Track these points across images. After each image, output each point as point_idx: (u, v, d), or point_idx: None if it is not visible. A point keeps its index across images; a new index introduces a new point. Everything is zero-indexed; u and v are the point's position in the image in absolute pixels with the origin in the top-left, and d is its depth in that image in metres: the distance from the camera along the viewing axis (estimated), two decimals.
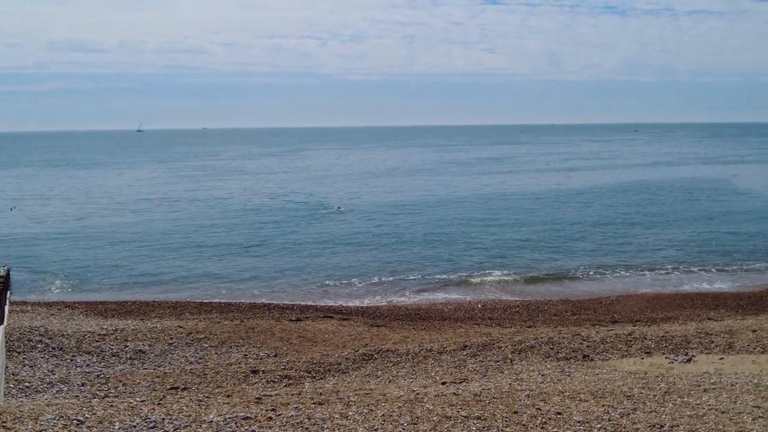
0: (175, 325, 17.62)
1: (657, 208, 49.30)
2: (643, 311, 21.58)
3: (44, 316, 18.05)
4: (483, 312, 21.94)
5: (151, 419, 7.81)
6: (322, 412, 8.53)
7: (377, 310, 22.13)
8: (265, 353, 15.22)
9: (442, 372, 12.71)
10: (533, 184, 68.78)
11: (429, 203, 52.24)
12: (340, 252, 32.46)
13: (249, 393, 11.11)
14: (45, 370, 12.89)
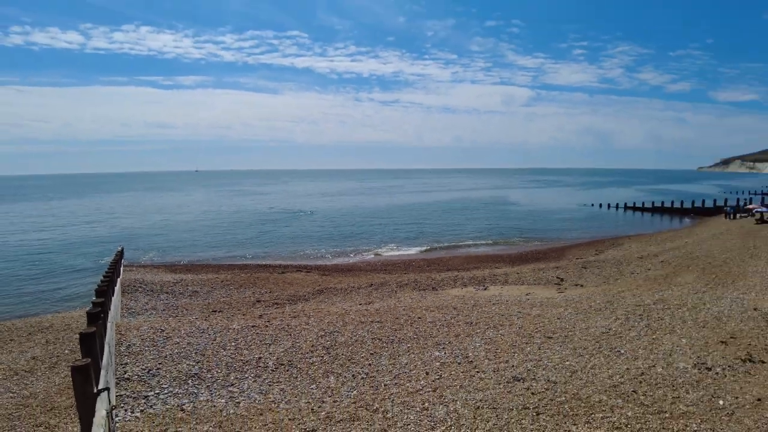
0: (214, 277, 26.10)
1: (471, 211, 74.68)
2: (462, 264, 31.43)
3: (142, 273, 26.97)
4: (382, 266, 31.50)
5: (201, 328, 12.92)
6: (295, 321, 14.16)
7: (327, 266, 31.86)
8: (264, 291, 22.20)
9: (359, 299, 19.22)
10: (415, 199, 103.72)
11: (359, 210, 78.17)
12: (309, 234, 49.10)
13: (255, 313, 16.48)
14: (142, 302, 19.53)
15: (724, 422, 8.26)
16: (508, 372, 10.33)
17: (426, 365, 10.74)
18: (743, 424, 8.20)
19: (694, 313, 15.14)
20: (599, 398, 9.08)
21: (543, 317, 14.99)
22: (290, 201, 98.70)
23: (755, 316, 14.76)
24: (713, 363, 10.81)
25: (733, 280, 20.48)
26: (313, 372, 10.40)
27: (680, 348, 11.87)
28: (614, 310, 15.70)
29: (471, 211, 74.98)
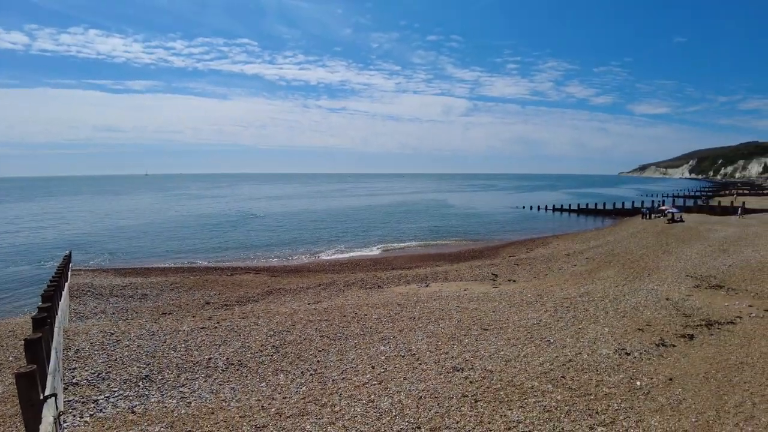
0: (163, 280, 24.97)
1: (414, 213, 75.54)
2: (406, 263, 31.72)
3: (90, 277, 25.58)
4: (330, 267, 31.05)
5: (151, 330, 12.52)
6: (245, 322, 13.96)
7: (276, 268, 30.95)
8: (213, 293, 21.59)
9: (308, 298, 19.06)
10: (361, 202, 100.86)
11: (308, 212, 76.25)
12: (259, 237, 48.01)
13: (204, 314, 16.00)
14: (91, 306, 18.67)
15: (641, 401, 8.85)
16: (448, 363, 10.62)
17: (372, 359, 10.88)
18: (657, 401, 8.82)
19: (614, 304, 16.05)
20: (532, 384, 9.50)
21: (480, 311, 15.46)
22: (240, 204, 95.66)
23: (667, 305, 15.81)
24: (631, 348, 11.52)
25: (649, 273, 21.80)
26: (262, 371, 10.32)
27: (603, 336, 12.57)
28: (544, 303, 16.41)
29: (414, 213, 75.38)
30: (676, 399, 8.91)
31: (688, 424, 8.01)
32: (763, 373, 10.01)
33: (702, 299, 16.60)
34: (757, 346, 11.64)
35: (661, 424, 8.01)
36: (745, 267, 22.32)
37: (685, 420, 8.15)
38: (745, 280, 19.72)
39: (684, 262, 24.35)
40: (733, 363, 10.59)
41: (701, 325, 13.52)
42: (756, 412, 8.42)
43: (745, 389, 9.29)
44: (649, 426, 7.96)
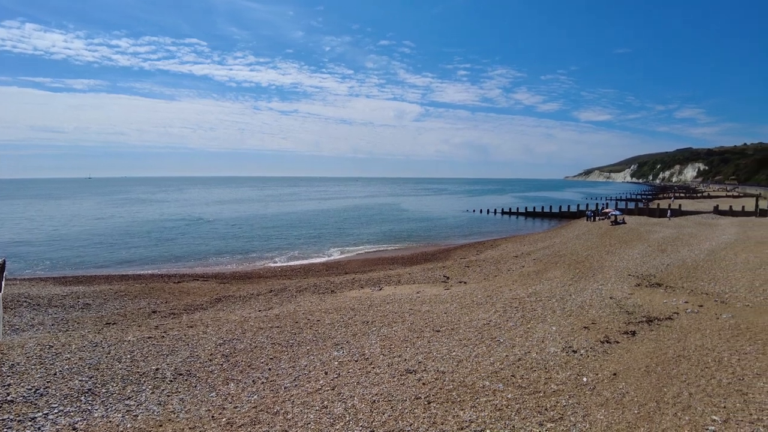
0: (107, 288, 23.60)
1: (367, 217, 75.88)
2: (360, 267, 31.58)
3: (27, 287, 23.97)
4: (282, 272, 30.31)
5: (94, 341, 11.88)
6: (193, 331, 13.51)
7: (225, 274, 30.11)
8: (160, 301, 20.56)
9: (259, 305, 18.57)
10: (314, 206, 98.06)
11: (258, 217, 74.39)
12: (207, 242, 46.93)
13: (151, 323, 15.27)
14: (28, 318, 17.13)
15: (588, 396, 9.12)
16: (402, 365, 10.62)
17: (325, 365, 10.74)
18: (602, 396, 9.11)
19: (561, 304, 16.52)
20: (483, 384, 9.62)
21: (432, 313, 15.57)
22: (187, 209, 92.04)
23: (611, 303, 16.42)
24: (578, 346, 11.88)
25: (594, 273, 22.61)
26: (212, 380, 9.99)
27: (551, 334, 12.90)
28: (494, 304, 16.71)
29: (367, 217, 75.22)
30: (620, 393, 9.23)
31: (631, 416, 8.31)
32: (698, 365, 10.52)
33: (643, 297, 17.34)
34: (692, 340, 12.24)
35: (607, 418, 8.27)
36: (682, 266, 23.50)
37: (629, 412, 8.45)
38: (681, 278, 20.75)
39: (626, 262, 25.39)
40: (671, 356, 11.08)
41: (642, 321, 14.11)
42: (692, 401, 8.83)
43: (682, 381, 9.73)
44: (596, 420, 8.20)
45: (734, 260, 24.41)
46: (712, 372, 10.19)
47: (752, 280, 19.74)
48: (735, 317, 14.42)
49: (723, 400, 8.90)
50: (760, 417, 8.28)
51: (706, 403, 8.81)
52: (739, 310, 15.28)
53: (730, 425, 8.03)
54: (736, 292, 17.90)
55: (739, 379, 9.84)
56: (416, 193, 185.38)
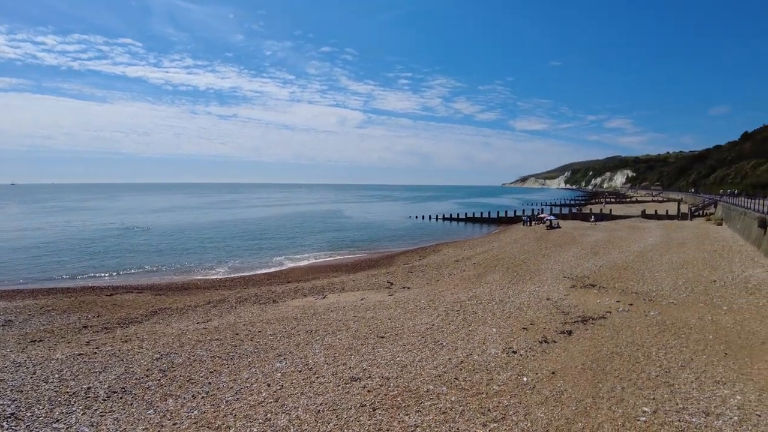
0: (32, 303, 21.98)
1: (310, 224, 75.06)
2: (303, 275, 30.98)
3: None
4: (221, 283, 29.07)
5: (17, 361, 11.11)
6: (128, 346, 12.85)
7: (161, 285, 28.26)
8: (92, 315, 19.10)
9: (197, 317, 17.80)
10: (255, 214, 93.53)
11: (196, 225, 70.45)
12: (141, 252, 43.98)
13: (81, 339, 14.24)
14: None
15: (528, 395, 9.38)
16: (346, 373, 10.54)
17: (267, 377, 10.50)
18: (542, 394, 9.40)
19: (501, 306, 16.97)
20: (427, 388, 9.70)
21: (376, 319, 15.58)
22: (121, 217, 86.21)
23: (548, 305, 17.02)
24: (518, 347, 12.21)
25: (531, 276, 23.37)
26: (149, 397, 9.53)
27: (491, 336, 13.21)
28: (436, 308, 16.93)
29: (311, 224, 73.85)
30: (559, 390, 9.56)
31: (569, 413, 8.62)
32: (629, 361, 11.08)
33: (578, 298, 18.09)
34: (624, 337, 12.88)
35: (546, 415, 8.54)
36: (613, 267, 24.72)
37: (567, 409, 8.76)
38: (613, 278, 21.81)
39: (561, 264, 26.42)
40: (605, 354, 11.60)
41: (578, 321, 14.71)
42: (625, 395, 9.28)
43: (615, 376, 10.21)
44: (536, 418, 8.44)
45: (660, 261, 25.94)
46: (642, 366, 10.75)
47: (676, 279, 21.04)
48: (661, 314, 15.31)
49: (652, 392, 9.41)
50: (685, 406, 8.82)
51: (637, 395, 9.28)
52: (664, 308, 16.23)
53: (659, 415, 8.49)
54: (662, 290, 19.01)
55: (666, 371, 10.43)
56: (360, 199, 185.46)
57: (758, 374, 10.28)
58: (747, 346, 12.07)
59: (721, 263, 24.28)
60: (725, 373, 10.35)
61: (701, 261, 25.24)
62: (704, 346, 12.11)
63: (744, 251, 27.39)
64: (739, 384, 9.79)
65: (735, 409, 8.70)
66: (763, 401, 9.02)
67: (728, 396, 9.24)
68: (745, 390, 9.49)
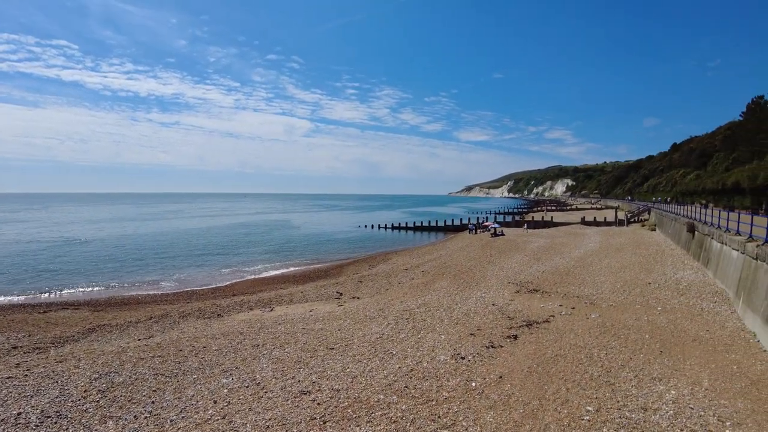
0: None
1: (257, 235, 73.48)
2: (249, 288, 30.35)
3: None
4: (163, 297, 27.94)
5: None
6: (62, 366, 12.14)
7: (99, 301, 26.91)
8: (22, 335, 17.78)
9: (138, 333, 16.99)
10: (199, 224, 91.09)
11: (137, 237, 67.63)
12: (78, 266, 41.66)
13: (10, 361, 13.17)
14: None
15: (477, 400, 9.51)
16: (295, 387, 10.36)
17: (214, 394, 10.16)
18: (490, 399, 9.56)
19: (449, 313, 17.19)
20: (377, 398, 9.67)
21: (325, 330, 15.43)
22: (55, 229, 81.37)
23: (494, 310, 17.38)
24: (466, 352, 12.38)
25: (477, 283, 23.82)
26: (87, 420, 9.00)
27: (440, 343, 13.34)
28: (386, 317, 16.95)
29: (257, 235, 72.44)
30: (506, 394, 9.74)
31: (517, 416, 8.80)
32: (573, 362, 11.45)
33: (522, 302, 18.57)
34: (567, 340, 13.31)
35: (495, 419, 8.68)
36: (555, 272, 25.56)
37: (515, 412, 8.94)
38: (555, 283, 22.55)
39: (506, 270, 27.09)
40: (549, 356, 11.95)
41: (523, 325, 15.09)
42: (569, 396, 9.57)
43: (560, 378, 10.52)
44: (485, 422, 8.57)
45: (599, 265, 27.05)
46: (585, 367, 11.13)
47: (614, 282, 21.99)
48: (602, 316, 15.94)
49: (595, 391, 9.76)
50: (626, 403, 9.19)
51: (581, 396, 9.59)
52: (604, 310, 16.92)
53: (601, 413, 8.81)
54: (602, 293, 19.82)
55: (607, 371, 10.85)
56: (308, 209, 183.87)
57: (690, 369, 10.88)
58: (680, 344, 12.75)
59: (655, 266, 25.57)
60: (661, 370, 10.89)
61: (637, 265, 26.49)
62: (642, 345, 12.70)
63: (675, 254, 28.99)
64: (673, 380, 10.32)
65: (670, 404, 9.16)
66: (695, 394, 9.54)
67: (664, 391, 9.71)
68: (678, 385, 10.01)
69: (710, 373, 10.64)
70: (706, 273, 22.35)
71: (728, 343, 12.76)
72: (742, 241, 16.56)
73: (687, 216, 33.62)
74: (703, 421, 8.52)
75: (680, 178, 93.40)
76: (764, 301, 13.08)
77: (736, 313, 15.58)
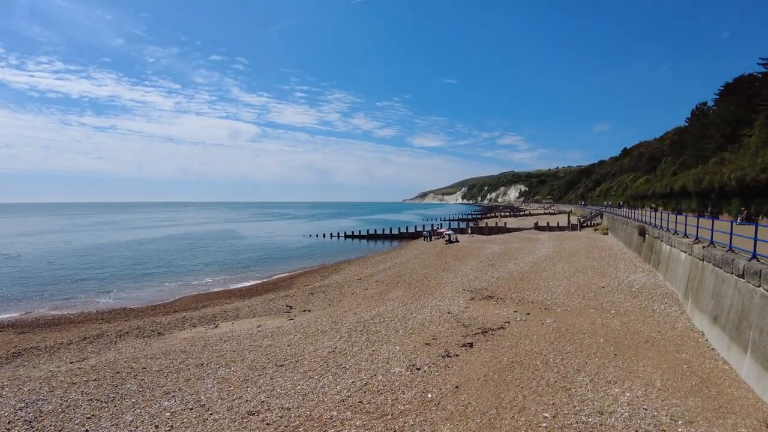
0: None
1: (201, 247, 71.71)
2: (192, 303, 29.42)
3: None
4: (98, 315, 26.60)
5: None
6: None
7: (25, 321, 25.39)
8: None
9: (70, 356, 16.10)
10: (138, 236, 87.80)
11: (70, 250, 63.72)
12: (6, 283, 39.45)
13: None
14: None
15: (433, 412, 9.53)
16: (243, 407, 10.09)
17: (155, 418, 9.76)
18: (447, 410, 9.60)
19: (404, 323, 17.24)
20: (330, 415, 9.53)
21: (274, 347, 15.15)
22: None
23: (449, 318, 17.55)
24: (421, 363, 12.42)
25: (432, 291, 24.03)
26: None
27: (395, 355, 13.33)
28: (339, 330, 16.82)
29: (201, 246, 70.06)
30: (463, 404, 9.81)
31: (474, 426, 8.87)
32: (529, 369, 11.67)
33: (477, 309, 18.84)
34: (523, 346, 13.57)
35: (452, 431, 8.72)
36: (509, 278, 26.10)
37: (472, 422, 9.01)
38: (510, 289, 23.01)
39: (461, 277, 27.45)
40: (506, 364, 12.14)
41: (478, 333, 15.29)
42: (526, 403, 9.74)
43: (516, 385, 10.70)
44: None
45: (553, 270, 27.81)
46: (541, 373, 11.36)
47: (568, 286, 22.65)
48: (556, 321, 16.36)
49: (551, 397, 9.97)
50: (582, 408, 9.43)
51: (537, 402, 9.78)
52: (559, 315, 17.38)
53: (558, 419, 9.00)
54: (556, 298, 20.36)
55: (563, 376, 11.11)
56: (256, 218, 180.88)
57: (643, 371, 11.29)
58: (633, 346, 13.23)
59: (608, 270, 26.53)
60: (615, 372, 11.25)
61: (591, 269, 27.41)
62: (596, 349, 13.10)
63: (627, 258, 30.18)
64: (627, 382, 10.68)
65: (625, 406, 9.46)
66: (648, 395, 9.90)
67: (619, 394, 10.03)
68: (633, 387, 10.37)
69: (662, 374, 11.09)
70: (657, 275, 23.36)
71: (679, 343, 13.35)
72: (689, 243, 17.43)
73: (638, 220, 35.10)
74: (657, 421, 8.85)
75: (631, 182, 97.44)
76: (710, 301, 13.78)
77: (685, 314, 16.34)
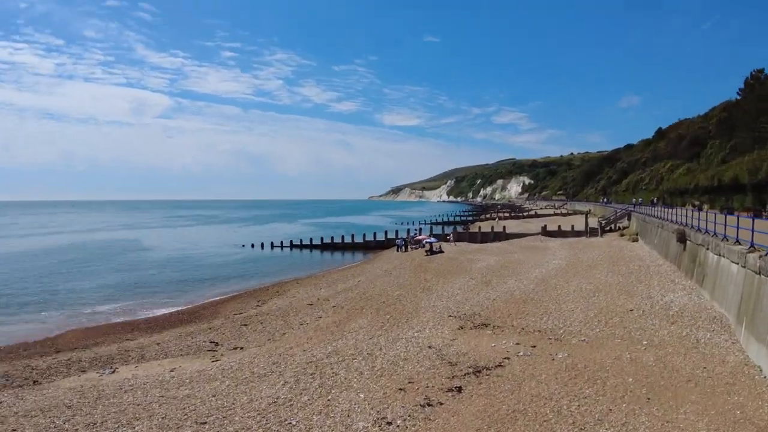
0: None
1: (90, 262, 68.31)
2: (79, 340, 28.73)
3: None
4: None
5: None
6: None
7: None
8: None
9: None
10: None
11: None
12: None
13: None
14: None
15: None
16: None
17: None
18: None
19: (370, 362, 17.22)
20: None
21: (194, 397, 14.95)
22: None
23: (430, 354, 17.63)
24: (393, 415, 12.40)
25: (408, 318, 24.12)
26: None
27: (358, 405, 13.29)
28: (282, 373, 16.71)
29: (91, 262, 68.00)
30: None
31: None
32: (535, 420, 11.76)
33: (467, 342, 18.98)
34: (527, 389, 13.69)
35: None
36: (509, 300, 26.39)
37: None
38: (510, 314, 23.26)
39: (446, 300, 27.64)
40: (505, 413, 12.21)
41: (469, 373, 15.39)
42: None
43: None
44: None
45: (566, 288, 28.22)
46: (551, 425, 11.47)
47: (586, 310, 23.00)
48: (571, 356, 16.57)
49: None
50: None
51: None
52: (575, 347, 17.61)
53: None
54: (571, 326, 20.66)
55: (580, 429, 11.23)
56: (168, 222, 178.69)
57: (685, 419, 11.50)
58: (671, 387, 13.48)
59: (638, 288, 27.05)
60: (649, 423, 11.43)
61: (615, 286, 27.90)
62: (623, 392, 13.29)
63: (662, 272, 30.86)
64: None
65: None
66: None
67: None
68: None
69: (709, 422, 11.31)
70: (701, 294, 23.94)
71: (730, 382, 13.66)
72: (743, 252, 17.80)
73: (676, 221, 35.78)
74: None
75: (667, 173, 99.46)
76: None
77: (738, 344, 16.75)
